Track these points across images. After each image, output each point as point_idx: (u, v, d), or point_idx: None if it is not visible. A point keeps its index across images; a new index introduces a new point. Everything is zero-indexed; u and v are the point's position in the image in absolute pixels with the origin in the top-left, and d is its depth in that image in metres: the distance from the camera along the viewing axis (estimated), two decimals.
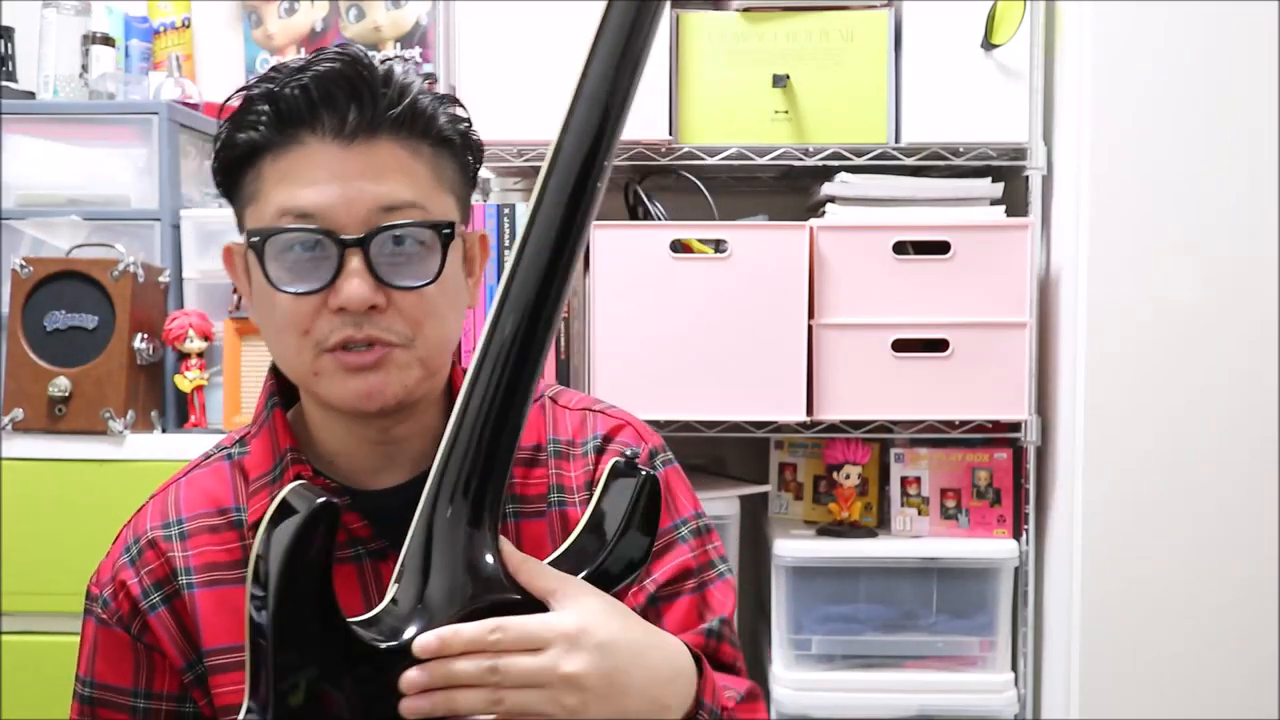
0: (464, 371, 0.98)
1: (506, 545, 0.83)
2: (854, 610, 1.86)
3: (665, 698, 0.82)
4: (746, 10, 1.85)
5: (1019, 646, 1.87)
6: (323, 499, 0.76)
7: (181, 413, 1.92)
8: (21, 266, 1.84)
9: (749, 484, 1.99)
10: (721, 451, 2.13)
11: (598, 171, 0.79)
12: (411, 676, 0.76)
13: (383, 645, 0.77)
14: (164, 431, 1.91)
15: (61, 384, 1.81)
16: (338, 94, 0.85)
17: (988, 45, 1.80)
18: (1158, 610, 1.70)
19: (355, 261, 0.84)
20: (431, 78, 0.91)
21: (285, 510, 0.76)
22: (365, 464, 0.94)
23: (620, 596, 0.86)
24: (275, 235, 0.85)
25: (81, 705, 0.94)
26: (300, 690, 0.75)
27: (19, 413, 1.81)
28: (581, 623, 0.78)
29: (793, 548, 1.85)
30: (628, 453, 0.89)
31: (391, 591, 0.80)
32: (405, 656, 0.76)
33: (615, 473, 0.87)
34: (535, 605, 0.80)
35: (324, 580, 0.76)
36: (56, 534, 1.78)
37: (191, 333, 1.86)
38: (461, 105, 0.92)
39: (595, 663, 0.77)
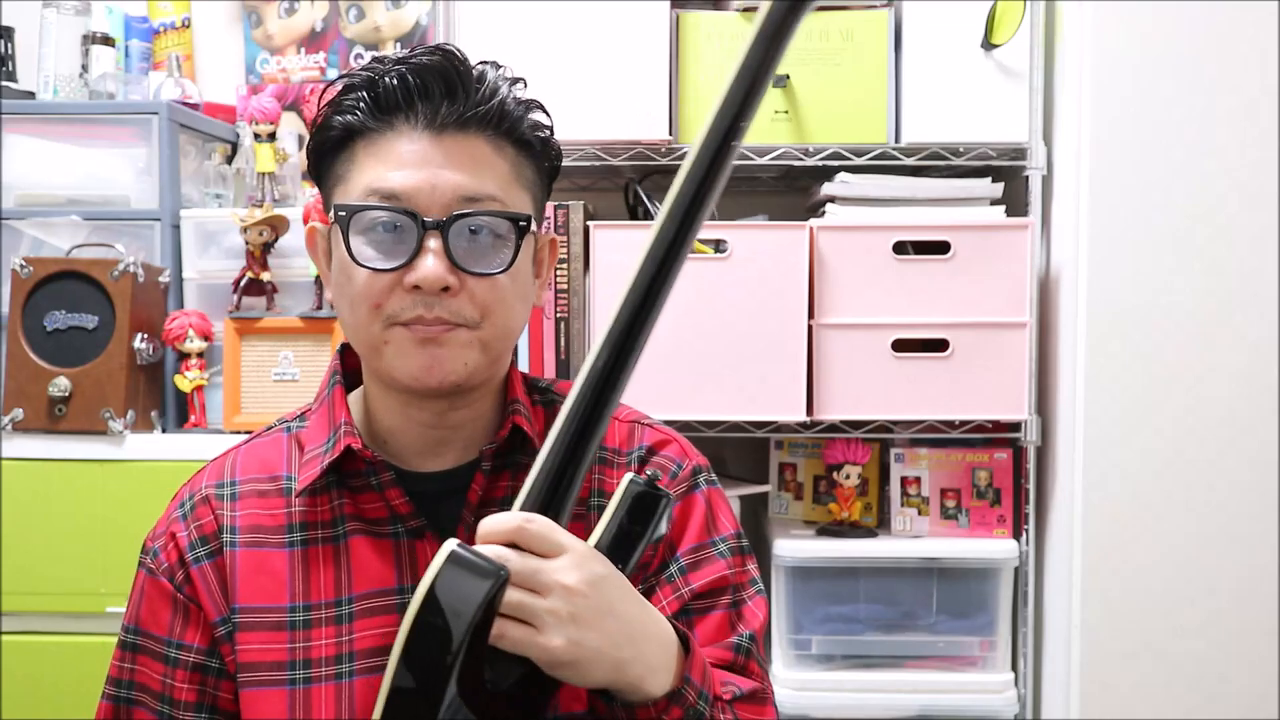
0: (522, 374, 1.02)
1: None
2: (854, 610, 1.86)
3: (648, 656, 0.83)
4: (746, 10, 1.85)
5: (1019, 646, 1.87)
6: (503, 570, 0.75)
7: (181, 413, 1.92)
8: (21, 266, 1.84)
9: (749, 484, 1.99)
10: (721, 451, 2.13)
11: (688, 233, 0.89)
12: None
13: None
14: (164, 431, 1.91)
15: (61, 384, 1.81)
16: (433, 86, 0.91)
17: (988, 45, 1.80)
18: (1158, 610, 1.71)
19: (434, 243, 0.89)
20: (521, 81, 0.96)
21: (460, 567, 0.75)
22: (416, 446, 0.98)
23: (647, 596, 0.88)
24: (361, 212, 0.90)
25: (123, 651, 0.97)
26: None
27: (19, 413, 1.81)
28: (593, 551, 0.81)
29: (793, 548, 1.85)
30: (650, 473, 0.95)
31: None
32: None
33: (635, 486, 0.87)
34: None
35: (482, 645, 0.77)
36: (56, 534, 1.77)
37: (191, 333, 1.86)
38: (545, 111, 0.98)
39: (591, 583, 0.79)
